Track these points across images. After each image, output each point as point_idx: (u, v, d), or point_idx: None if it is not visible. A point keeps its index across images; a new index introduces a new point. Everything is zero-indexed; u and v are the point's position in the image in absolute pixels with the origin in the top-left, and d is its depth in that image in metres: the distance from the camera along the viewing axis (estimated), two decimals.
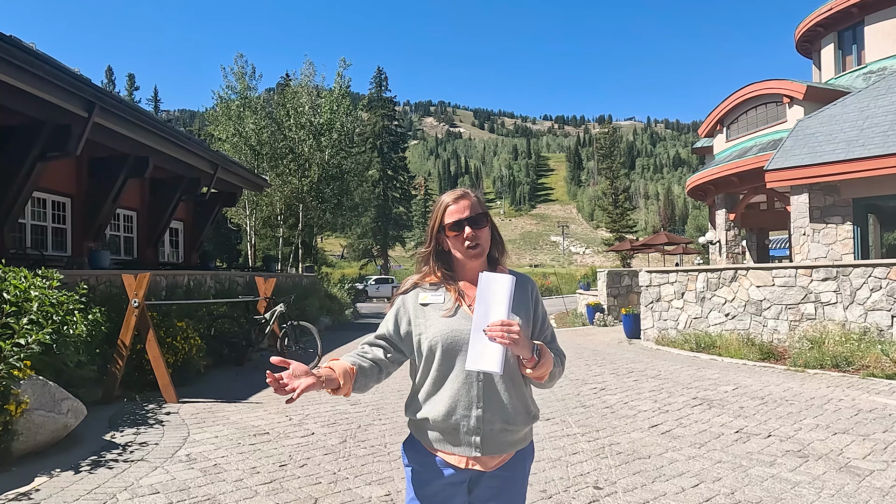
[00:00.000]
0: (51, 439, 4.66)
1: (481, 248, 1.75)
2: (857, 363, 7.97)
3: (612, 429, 5.32)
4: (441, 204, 1.78)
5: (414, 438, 1.81)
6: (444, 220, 1.76)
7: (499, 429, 1.70)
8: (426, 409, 1.73)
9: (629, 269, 20.89)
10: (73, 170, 10.81)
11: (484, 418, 1.67)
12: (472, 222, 1.73)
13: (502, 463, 1.74)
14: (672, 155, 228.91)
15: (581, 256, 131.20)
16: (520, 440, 1.76)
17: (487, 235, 1.77)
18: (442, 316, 1.73)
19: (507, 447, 1.73)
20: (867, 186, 11.30)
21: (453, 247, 1.77)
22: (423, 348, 1.73)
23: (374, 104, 57.84)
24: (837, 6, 16.48)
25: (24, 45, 6.82)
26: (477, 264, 1.78)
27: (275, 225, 26.25)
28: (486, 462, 1.72)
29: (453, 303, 1.75)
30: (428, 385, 1.74)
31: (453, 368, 1.70)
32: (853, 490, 3.74)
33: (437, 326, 1.72)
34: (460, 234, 1.73)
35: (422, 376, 1.76)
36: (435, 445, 1.74)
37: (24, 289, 5.00)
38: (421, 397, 1.75)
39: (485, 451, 1.70)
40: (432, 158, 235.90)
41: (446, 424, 1.69)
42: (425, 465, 1.76)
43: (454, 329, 1.70)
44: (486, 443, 1.69)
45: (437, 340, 1.70)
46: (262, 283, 10.19)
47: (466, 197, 1.77)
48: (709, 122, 19.59)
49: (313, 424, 5.58)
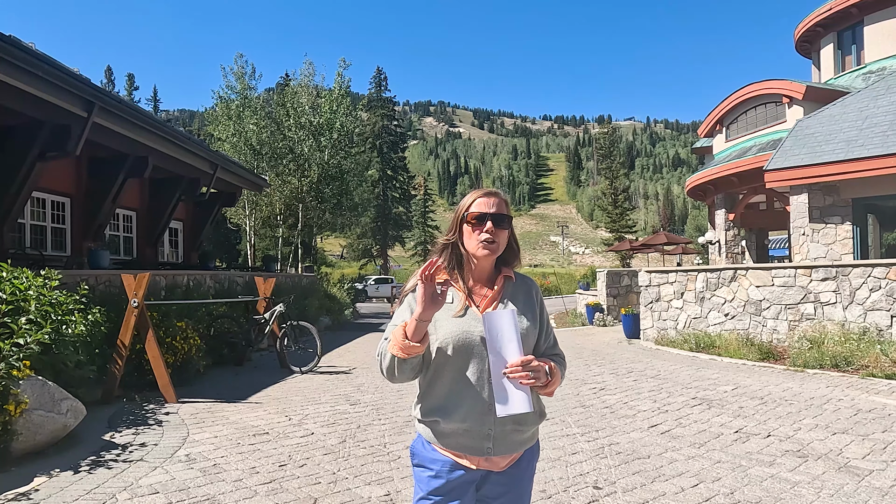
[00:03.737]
0: (50, 439, 4.66)
1: (496, 246, 1.74)
2: (856, 363, 7.97)
3: (611, 429, 5.32)
4: (470, 196, 1.79)
5: (423, 439, 1.79)
6: (469, 209, 1.75)
7: (510, 429, 1.70)
8: (437, 410, 1.72)
9: (629, 269, 20.90)
10: (72, 170, 10.81)
11: (496, 420, 1.67)
12: (495, 219, 1.73)
13: (512, 462, 1.76)
14: (672, 155, 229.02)
15: (580, 256, 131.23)
16: (528, 439, 1.78)
17: (505, 238, 1.77)
18: (452, 316, 1.71)
19: (517, 447, 1.75)
20: (867, 186, 11.31)
21: (468, 239, 1.75)
22: (433, 348, 1.71)
23: (373, 104, 57.88)
24: (837, 6, 16.48)
25: (23, 45, 6.82)
26: (487, 263, 1.78)
27: (274, 225, 26.27)
28: (496, 462, 1.73)
29: (462, 302, 1.74)
30: (439, 386, 1.72)
31: (465, 370, 1.69)
32: (852, 490, 3.74)
33: (448, 327, 1.70)
34: (481, 226, 1.72)
35: (433, 377, 1.74)
36: (446, 446, 1.73)
37: (22, 288, 5.00)
38: (431, 399, 1.74)
39: (496, 452, 1.71)
40: (432, 158, 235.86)
41: (458, 426, 1.69)
42: (436, 466, 1.75)
43: (465, 330, 1.69)
44: (497, 444, 1.70)
45: (448, 341, 1.69)
46: (262, 283, 10.18)
47: (497, 196, 1.78)
48: (708, 122, 19.59)
49: (313, 424, 5.58)
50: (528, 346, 1.72)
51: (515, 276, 1.83)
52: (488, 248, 1.72)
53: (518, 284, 1.82)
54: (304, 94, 25.04)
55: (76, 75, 8.04)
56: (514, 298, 1.77)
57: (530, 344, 1.74)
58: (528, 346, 1.71)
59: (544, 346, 1.82)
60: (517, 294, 1.80)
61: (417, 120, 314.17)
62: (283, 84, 34.70)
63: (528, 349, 1.71)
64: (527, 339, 1.71)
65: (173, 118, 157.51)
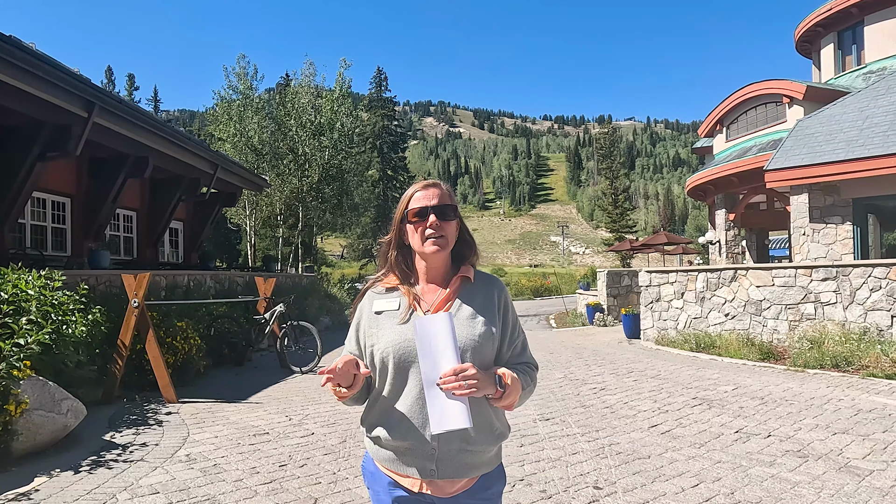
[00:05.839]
0: (50, 439, 4.66)
1: (444, 241, 1.57)
2: (856, 363, 7.97)
3: (611, 429, 5.32)
4: (409, 191, 1.64)
5: (368, 456, 1.66)
6: (408, 206, 1.61)
7: (457, 449, 1.52)
8: (379, 426, 1.57)
9: (629, 269, 20.89)
10: (72, 170, 10.81)
11: (440, 437, 1.49)
12: (437, 211, 1.57)
13: (462, 489, 1.56)
14: (672, 155, 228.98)
15: (581, 256, 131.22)
16: (483, 463, 1.58)
17: (454, 231, 1.60)
18: (396, 324, 1.56)
19: (467, 471, 1.55)
20: (867, 186, 11.30)
21: (413, 237, 1.60)
22: (376, 360, 1.57)
23: (374, 104, 57.93)
24: (837, 6, 16.48)
25: (23, 45, 6.82)
26: (439, 261, 1.61)
27: (275, 225, 26.29)
28: (442, 487, 1.54)
29: (407, 308, 1.57)
30: (382, 400, 1.57)
31: (407, 382, 1.53)
32: (853, 490, 3.74)
33: (389, 336, 1.55)
34: (423, 221, 1.57)
35: (376, 391, 1.59)
36: (387, 465, 1.58)
37: (23, 288, 5.00)
38: (374, 413, 1.60)
39: (441, 475, 1.52)
40: (432, 158, 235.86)
41: (399, 444, 1.54)
42: (380, 487, 1.61)
43: (407, 338, 1.52)
44: (442, 465, 1.52)
45: (389, 351, 1.53)
46: (262, 283, 10.18)
47: (436, 186, 1.62)
48: (708, 122, 19.59)
49: (313, 424, 5.58)
50: (484, 355, 1.53)
51: (477, 276, 1.65)
52: (436, 243, 1.56)
53: (477, 285, 1.64)
54: (304, 94, 25.07)
55: (76, 75, 8.04)
56: (471, 300, 1.60)
57: (487, 352, 1.54)
58: (483, 354, 1.53)
59: (508, 354, 1.62)
60: (474, 295, 1.61)
61: (417, 120, 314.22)
62: (283, 84, 34.75)
63: (484, 358, 1.53)
64: (482, 347, 1.53)
65: (173, 118, 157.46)
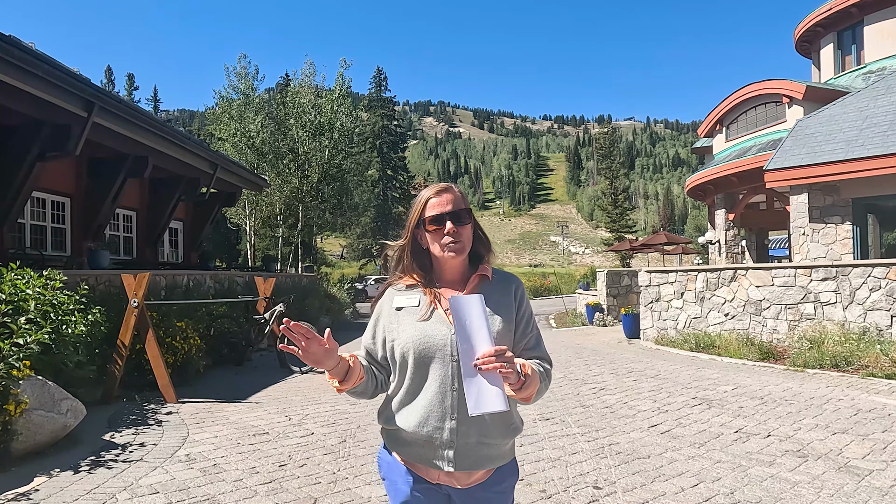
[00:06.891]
0: (50, 439, 4.66)
1: (461, 246, 1.62)
2: (856, 363, 7.97)
3: (611, 428, 5.32)
4: (422, 197, 1.66)
5: (386, 448, 1.71)
6: (424, 213, 1.63)
7: (474, 442, 1.57)
8: (398, 418, 1.62)
9: (629, 268, 20.90)
10: (72, 170, 10.80)
11: (458, 430, 1.55)
12: (454, 217, 1.60)
13: (478, 481, 1.62)
14: (672, 155, 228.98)
15: (580, 256, 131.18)
16: (499, 456, 1.63)
17: (469, 233, 1.65)
18: (417, 320, 1.61)
19: (484, 462, 1.60)
20: (866, 186, 11.30)
21: (432, 243, 1.64)
22: (396, 355, 1.62)
23: (373, 104, 57.98)
24: (837, 6, 16.48)
25: (23, 45, 6.81)
26: (457, 263, 1.66)
27: (274, 225, 26.29)
28: (459, 478, 1.60)
29: (428, 305, 1.62)
30: (401, 394, 1.62)
31: (427, 376, 1.58)
32: (852, 490, 3.74)
33: (410, 332, 1.60)
34: (440, 228, 1.60)
35: (396, 385, 1.65)
36: (405, 457, 1.64)
37: (22, 288, 5.00)
38: (394, 406, 1.64)
39: (458, 467, 1.57)
40: (432, 158, 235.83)
41: (418, 436, 1.58)
42: (398, 477, 1.65)
43: (427, 334, 1.58)
44: (459, 457, 1.57)
45: (410, 346, 1.58)
46: (262, 283, 10.19)
47: (449, 191, 1.64)
48: (708, 122, 19.60)
49: (313, 424, 5.58)
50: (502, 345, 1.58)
51: (494, 274, 1.70)
52: (455, 248, 1.61)
53: (495, 282, 1.69)
54: (305, 93, 25.09)
55: (76, 75, 8.03)
56: (489, 296, 1.62)
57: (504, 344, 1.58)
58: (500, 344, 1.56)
59: (523, 347, 1.67)
60: (491, 292, 1.65)
61: (417, 120, 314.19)
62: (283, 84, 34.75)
63: None
64: (500, 341, 1.57)
65: (173, 118, 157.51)
